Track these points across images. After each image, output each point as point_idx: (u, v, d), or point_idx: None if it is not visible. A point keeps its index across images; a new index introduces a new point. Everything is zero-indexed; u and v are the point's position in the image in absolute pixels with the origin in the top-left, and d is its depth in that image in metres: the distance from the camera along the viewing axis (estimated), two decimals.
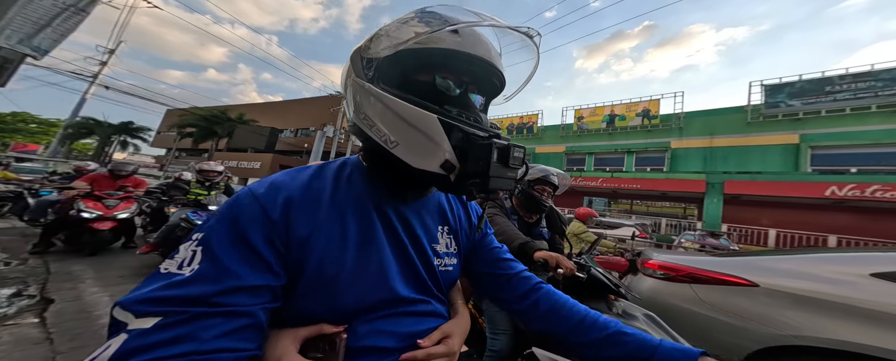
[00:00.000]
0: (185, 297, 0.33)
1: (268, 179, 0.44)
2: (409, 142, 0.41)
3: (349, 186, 0.47)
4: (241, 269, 0.36)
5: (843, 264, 1.52)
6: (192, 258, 0.36)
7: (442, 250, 0.54)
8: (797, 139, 11.14)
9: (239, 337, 0.34)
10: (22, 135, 26.97)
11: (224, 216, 0.39)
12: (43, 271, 2.92)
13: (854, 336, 1.25)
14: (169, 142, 30.24)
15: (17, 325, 1.93)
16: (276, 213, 0.40)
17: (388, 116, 0.42)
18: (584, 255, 1.42)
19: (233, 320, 0.34)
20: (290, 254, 0.40)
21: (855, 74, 10.54)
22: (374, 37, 0.45)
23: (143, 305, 0.32)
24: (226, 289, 0.34)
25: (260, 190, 0.41)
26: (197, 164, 4.14)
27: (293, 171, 0.47)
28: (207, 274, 0.35)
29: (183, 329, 0.31)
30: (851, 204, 9.63)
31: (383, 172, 0.49)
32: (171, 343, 0.30)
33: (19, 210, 4.91)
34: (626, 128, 14.66)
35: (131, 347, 0.30)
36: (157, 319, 0.31)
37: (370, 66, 0.44)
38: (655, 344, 0.48)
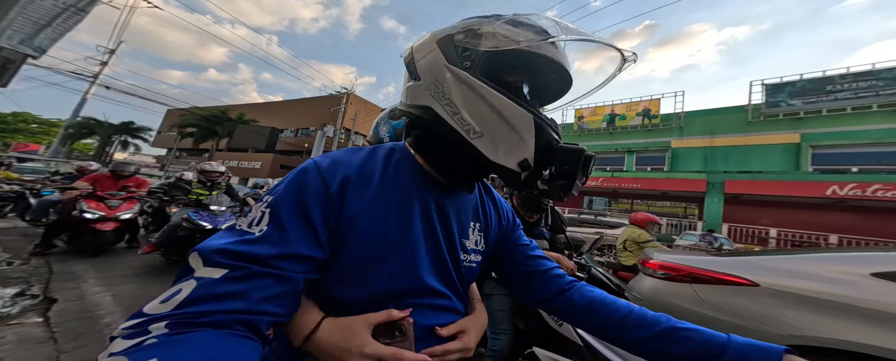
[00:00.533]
0: (252, 255, 0.35)
1: (329, 155, 0.46)
2: (496, 136, 0.43)
3: (396, 172, 0.48)
4: (298, 238, 0.38)
5: (844, 264, 1.52)
6: (261, 218, 0.39)
7: (470, 246, 0.54)
8: (798, 138, 11.13)
9: (279, 302, 0.36)
10: (23, 136, 27.02)
11: (292, 185, 0.41)
12: (46, 271, 2.93)
13: (855, 335, 1.26)
14: (169, 142, 30.27)
15: (21, 324, 1.94)
16: (335, 187, 0.42)
17: (479, 107, 0.42)
18: (584, 255, 1.42)
19: (281, 284, 0.36)
20: (339, 231, 0.41)
21: (856, 73, 10.52)
22: (474, 29, 0.45)
23: (217, 255, 0.35)
24: (283, 254, 0.37)
25: (324, 165, 0.44)
26: (198, 165, 4.14)
27: (350, 150, 0.49)
28: (272, 237, 0.37)
29: (242, 285, 0.34)
30: (852, 204, 9.62)
31: (439, 161, 0.50)
32: (230, 298, 0.33)
33: (21, 210, 4.93)
34: (626, 128, 14.65)
35: (201, 295, 0.32)
36: (225, 271, 0.34)
37: (466, 56, 0.44)
38: (724, 340, 0.43)
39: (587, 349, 1.00)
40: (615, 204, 14.34)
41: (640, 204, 13.81)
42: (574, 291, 0.56)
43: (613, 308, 0.52)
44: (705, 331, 0.46)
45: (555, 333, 1.11)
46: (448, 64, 0.45)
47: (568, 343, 1.06)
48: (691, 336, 0.45)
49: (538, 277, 0.59)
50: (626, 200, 14.09)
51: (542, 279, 0.58)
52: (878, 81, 10.14)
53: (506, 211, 0.64)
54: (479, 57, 0.44)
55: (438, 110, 0.45)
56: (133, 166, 3.93)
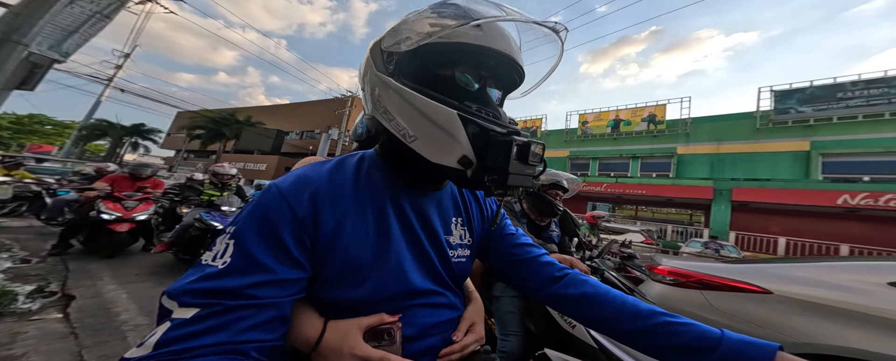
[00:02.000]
0: (220, 289, 0.35)
1: (293, 173, 0.45)
2: (428, 137, 0.41)
3: (368, 179, 0.48)
4: (270, 263, 0.37)
5: (860, 272, 1.52)
6: (224, 251, 0.38)
7: (456, 242, 0.54)
8: (808, 146, 10.98)
9: (267, 329, 0.36)
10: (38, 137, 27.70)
11: (253, 211, 0.40)
12: (62, 269, 3.00)
13: (871, 344, 1.25)
14: (178, 143, 30.79)
15: (42, 320, 1.99)
16: (302, 209, 0.41)
17: (407, 111, 0.42)
18: (595, 259, 1.44)
19: (263, 312, 0.36)
20: (317, 248, 0.41)
21: (867, 80, 10.40)
22: (393, 30, 0.44)
23: (185, 296, 0.35)
24: (257, 282, 0.36)
25: (285, 186, 0.42)
26: (210, 167, 4.23)
27: (315, 164, 0.48)
28: (239, 267, 0.36)
29: (218, 319, 0.34)
30: (864, 213, 9.42)
31: (401, 165, 0.50)
32: (207, 333, 0.33)
33: (37, 209, 5.06)
34: (631, 134, 14.59)
35: (173, 336, 0.32)
36: (196, 310, 0.34)
37: (390, 60, 0.45)
38: (718, 335, 0.43)
39: (601, 351, 1.00)
40: (619, 210, 14.20)
41: (645, 210, 13.67)
42: (567, 280, 0.55)
43: (607, 300, 0.51)
44: (699, 325, 0.45)
45: (567, 335, 1.12)
46: (377, 72, 0.45)
47: (581, 344, 1.07)
48: (685, 330, 0.45)
49: (526, 265, 0.58)
50: (631, 206, 13.96)
51: (531, 267, 0.57)
52: (891, 89, 10.01)
53: (488, 202, 0.64)
54: (400, 58, 0.44)
55: (380, 119, 0.45)
56: (151, 168, 3.99)
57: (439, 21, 0.41)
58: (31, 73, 2.80)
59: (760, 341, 0.42)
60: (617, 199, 14.01)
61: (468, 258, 0.57)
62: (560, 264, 0.59)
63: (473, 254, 0.59)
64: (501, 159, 0.39)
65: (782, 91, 11.62)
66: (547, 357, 1.05)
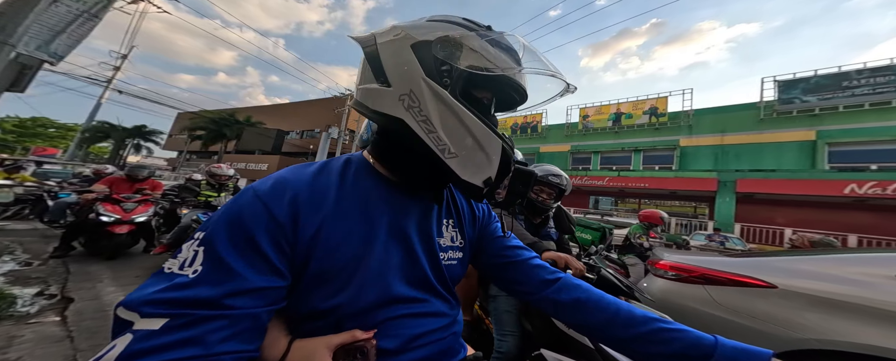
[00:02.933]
0: (191, 299, 0.33)
1: (271, 176, 0.43)
2: (469, 158, 0.44)
3: (355, 182, 0.47)
4: (245, 271, 0.35)
5: (866, 265, 1.47)
6: (194, 258, 0.35)
7: (447, 244, 0.53)
8: (813, 136, 10.81)
9: (243, 339, 0.34)
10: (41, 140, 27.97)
11: (226, 216, 0.38)
12: (63, 271, 3.01)
13: (880, 339, 1.21)
14: (180, 144, 30.96)
15: (40, 323, 2.00)
16: (281, 213, 0.39)
17: (456, 129, 0.43)
18: (593, 256, 1.40)
19: (237, 323, 0.34)
20: (297, 254, 0.39)
21: (873, 69, 10.18)
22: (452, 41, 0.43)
23: (150, 306, 0.32)
24: (230, 292, 0.34)
25: (263, 189, 0.40)
26: (207, 168, 4.22)
27: (297, 167, 0.46)
28: (211, 277, 0.34)
29: (190, 331, 0.31)
30: (872, 203, 9.29)
31: (407, 170, 0.49)
32: (179, 346, 0.30)
33: (39, 212, 5.10)
34: (632, 127, 14.44)
35: (139, 348, 0.30)
36: (165, 320, 0.31)
37: (446, 72, 0.43)
38: (711, 343, 0.43)
39: (598, 351, 0.97)
40: (622, 204, 14.13)
41: (648, 203, 13.58)
42: (559, 284, 0.54)
43: (600, 306, 0.51)
44: (693, 332, 0.45)
45: (563, 335, 1.09)
46: (426, 77, 0.42)
47: (577, 345, 1.04)
48: (678, 337, 0.45)
49: (517, 268, 0.57)
50: (633, 199, 13.88)
51: (522, 270, 0.57)
52: None
53: (481, 204, 0.63)
54: (459, 75, 0.43)
55: (412, 125, 0.43)
56: (147, 169, 3.99)
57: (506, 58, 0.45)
58: (20, 75, 2.78)
59: (754, 348, 0.43)
60: (619, 193, 13.93)
61: (459, 261, 0.55)
62: (552, 267, 0.58)
63: (466, 257, 0.58)
64: (523, 186, 0.48)
65: (786, 81, 11.41)
66: (543, 358, 1.03)
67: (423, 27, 0.45)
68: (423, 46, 0.43)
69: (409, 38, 0.44)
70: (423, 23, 0.46)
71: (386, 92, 0.44)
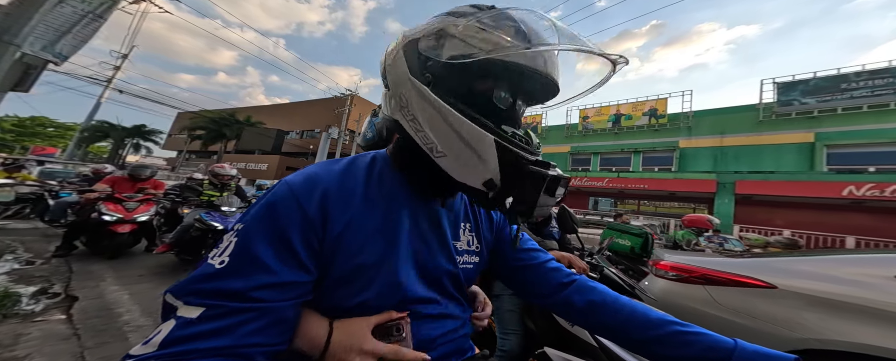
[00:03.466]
0: (225, 290, 0.34)
1: (304, 171, 0.44)
2: (458, 157, 0.40)
3: (380, 182, 0.47)
4: (275, 265, 0.36)
5: (866, 266, 1.49)
6: (227, 248, 0.37)
7: (463, 247, 0.53)
8: (812, 138, 10.85)
9: (271, 333, 0.36)
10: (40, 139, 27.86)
11: (262, 210, 0.39)
12: (65, 270, 3.02)
13: (880, 339, 1.22)
14: (180, 144, 30.90)
15: (46, 321, 2.01)
16: (313, 209, 0.40)
17: (441, 127, 0.40)
18: (595, 256, 1.42)
19: (266, 316, 0.35)
20: (324, 250, 0.40)
21: (872, 71, 10.23)
22: (438, 33, 0.40)
23: (189, 295, 0.35)
24: (260, 285, 0.35)
25: (297, 184, 0.41)
26: (210, 167, 4.22)
27: (326, 163, 0.47)
28: (241, 268, 0.36)
29: (223, 322, 0.33)
30: (870, 205, 9.33)
31: (414, 172, 0.49)
32: (213, 336, 0.33)
33: (40, 211, 5.09)
34: (632, 128, 14.47)
35: (179, 335, 0.32)
36: (202, 310, 0.33)
37: (428, 67, 0.41)
38: (731, 345, 0.42)
39: (602, 349, 0.99)
40: (621, 205, 14.16)
41: (647, 204, 13.61)
42: (574, 287, 0.54)
43: (616, 308, 0.50)
44: (711, 335, 0.44)
45: (567, 333, 1.11)
46: (411, 76, 0.41)
47: (581, 343, 1.05)
48: (697, 340, 0.44)
49: (532, 271, 0.57)
50: (633, 201, 13.90)
51: (537, 273, 0.56)
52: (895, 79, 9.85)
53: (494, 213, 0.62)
54: (440, 68, 0.40)
55: (404, 125, 0.43)
56: (150, 169, 4.00)
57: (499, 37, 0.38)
58: (25, 75, 2.79)
59: (776, 352, 0.41)
60: (619, 194, 13.96)
61: (475, 265, 0.55)
62: (567, 270, 0.58)
63: (482, 262, 0.57)
64: (532, 191, 0.39)
65: (785, 83, 11.46)
66: (547, 356, 1.04)
67: (419, 26, 0.43)
68: (410, 45, 0.42)
69: (403, 40, 0.44)
70: (427, 21, 0.44)
71: (387, 95, 0.46)
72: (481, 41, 0.38)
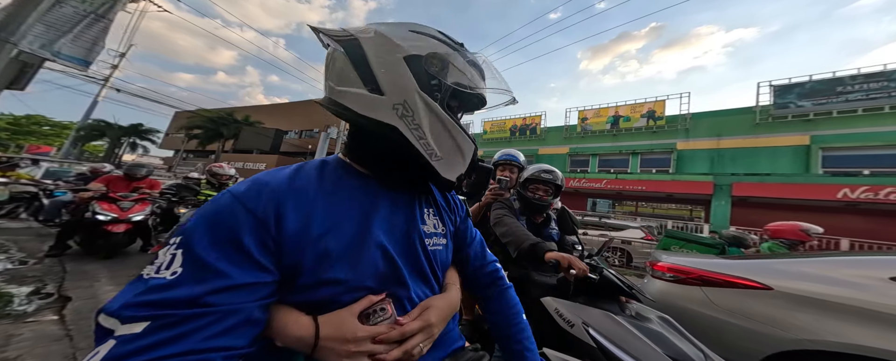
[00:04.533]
0: (172, 300, 0.33)
1: (248, 179, 0.44)
2: (451, 160, 0.51)
3: (336, 180, 0.49)
4: (227, 268, 0.35)
5: (861, 267, 1.50)
6: (172, 261, 0.35)
7: (430, 230, 0.56)
8: (808, 140, 10.95)
9: (234, 335, 0.34)
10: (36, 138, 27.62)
11: (203, 217, 0.38)
12: (59, 270, 2.99)
13: (873, 340, 1.23)
14: (177, 143, 30.73)
15: (38, 322, 1.98)
16: (262, 211, 0.39)
17: (442, 136, 0.49)
18: (595, 257, 1.42)
19: (225, 319, 0.34)
20: (284, 250, 0.40)
21: (867, 74, 10.34)
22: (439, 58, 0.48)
23: (130, 310, 0.32)
24: (213, 290, 0.34)
25: (240, 190, 0.41)
26: (208, 167, 4.20)
27: (273, 170, 0.47)
28: (192, 276, 0.34)
29: (174, 330, 0.31)
30: (864, 207, 9.42)
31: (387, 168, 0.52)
32: (164, 344, 0.31)
33: (34, 210, 5.04)
34: (630, 130, 14.54)
35: (122, 351, 0.29)
36: (146, 323, 0.31)
37: (435, 87, 0.48)
38: None
39: (600, 350, 0.99)
40: (619, 206, 14.20)
41: (645, 206, 13.66)
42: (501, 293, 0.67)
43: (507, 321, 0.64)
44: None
45: (566, 334, 1.11)
46: (420, 90, 0.46)
47: (580, 344, 1.05)
48: None
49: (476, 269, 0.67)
50: (631, 202, 13.96)
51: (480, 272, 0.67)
52: (890, 82, 9.96)
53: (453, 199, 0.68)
54: (447, 90, 0.48)
55: (405, 133, 0.46)
56: (145, 168, 3.96)
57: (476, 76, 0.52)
58: (21, 73, 2.76)
59: None
60: (617, 195, 14.01)
61: (444, 247, 0.59)
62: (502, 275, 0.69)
63: (449, 245, 0.62)
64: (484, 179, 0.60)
65: (782, 85, 11.57)
66: (546, 357, 1.04)
67: (410, 39, 0.47)
68: (414, 60, 0.46)
69: (401, 50, 0.46)
70: (407, 33, 0.48)
71: (379, 100, 0.46)
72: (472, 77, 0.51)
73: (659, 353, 0.95)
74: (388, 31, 0.48)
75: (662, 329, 1.10)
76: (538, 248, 1.26)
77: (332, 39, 0.49)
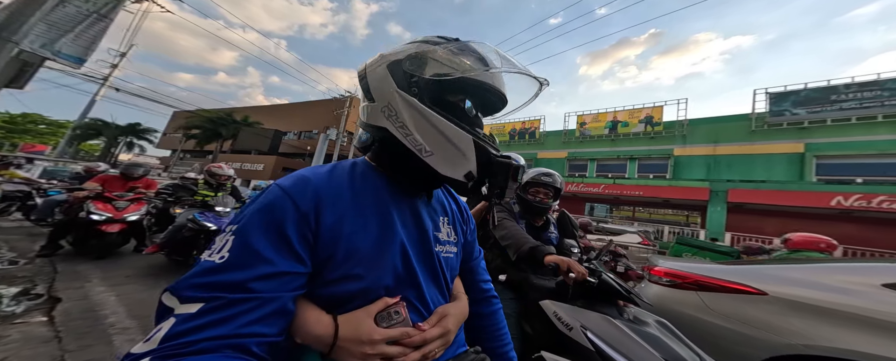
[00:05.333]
0: (222, 283, 0.36)
1: (293, 175, 0.48)
2: (444, 154, 0.49)
3: (363, 183, 0.52)
4: (273, 256, 0.39)
5: (855, 274, 1.51)
6: (224, 245, 0.39)
7: (443, 238, 0.58)
8: (802, 148, 11.09)
9: (268, 323, 0.37)
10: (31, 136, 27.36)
11: (258, 208, 0.42)
12: (50, 270, 2.94)
13: (866, 346, 1.24)
14: (174, 143, 30.57)
15: (26, 323, 1.94)
16: (305, 204, 0.43)
17: (428, 130, 0.48)
18: (594, 260, 1.42)
19: (265, 306, 0.37)
20: (319, 244, 0.43)
21: (861, 83, 10.54)
22: (417, 56, 0.50)
23: (188, 291, 0.36)
24: (258, 276, 0.37)
25: (288, 184, 0.45)
26: (206, 166, 4.17)
27: (312, 167, 0.51)
28: (240, 261, 0.38)
29: (221, 313, 0.35)
30: (857, 215, 9.52)
31: (397, 171, 0.54)
32: (211, 326, 0.34)
33: (26, 210, 4.97)
34: (628, 135, 14.67)
35: (179, 330, 0.34)
36: (201, 304, 0.35)
37: (414, 83, 0.49)
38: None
39: (598, 353, 0.99)
40: (617, 211, 14.25)
41: (642, 211, 13.72)
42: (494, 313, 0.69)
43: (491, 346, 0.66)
44: None
45: (564, 337, 1.11)
46: (398, 89, 0.49)
47: (578, 347, 1.05)
48: None
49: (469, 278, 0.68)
50: (628, 207, 14.01)
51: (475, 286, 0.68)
52: (884, 91, 10.15)
53: (466, 211, 0.71)
54: (424, 83, 0.49)
55: (393, 131, 0.50)
56: (142, 168, 3.92)
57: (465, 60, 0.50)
58: (21, 71, 2.75)
59: None
60: (614, 200, 14.07)
61: (454, 255, 0.60)
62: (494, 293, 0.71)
63: (459, 253, 0.63)
64: (503, 178, 0.50)
65: (777, 93, 11.75)
66: (544, 360, 1.03)
67: (398, 50, 0.52)
68: (395, 65, 0.50)
69: (384, 59, 0.52)
70: (402, 46, 0.53)
71: (373, 107, 0.52)
72: (456, 63, 0.50)
73: (656, 357, 0.94)
74: (385, 51, 0.53)
75: (660, 333, 1.11)
76: (538, 252, 1.26)
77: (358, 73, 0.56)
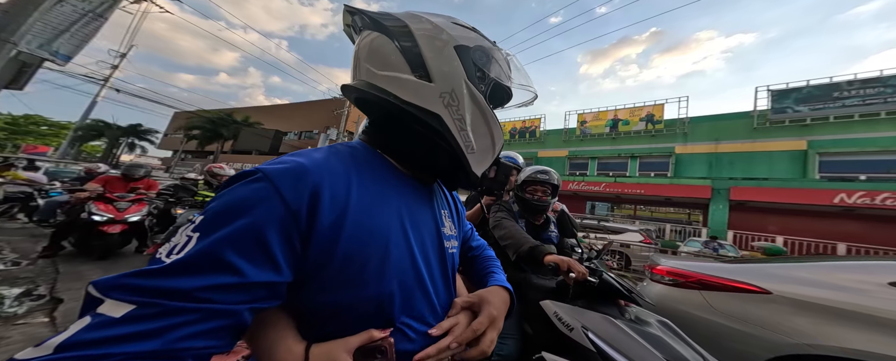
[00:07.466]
0: (165, 289, 0.29)
1: (283, 158, 0.39)
2: (483, 154, 0.49)
3: (370, 170, 0.45)
4: (241, 264, 0.31)
5: (860, 272, 1.50)
6: (185, 244, 0.32)
7: (448, 233, 0.54)
8: (805, 145, 11.03)
9: (214, 337, 0.30)
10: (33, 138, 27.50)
11: (231, 200, 0.34)
12: (52, 271, 2.95)
13: (872, 345, 1.23)
14: (175, 144, 30.67)
15: (28, 324, 1.95)
16: (297, 200, 0.35)
17: (482, 129, 0.48)
18: (594, 260, 1.41)
19: (214, 319, 0.30)
20: (310, 249, 0.35)
21: (864, 80, 10.46)
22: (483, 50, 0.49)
23: (118, 291, 0.29)
24: (216, 285, 0.30)
25: (276, 172, 0.35)
26: (207, 167, 4.17)
27: (306, 152, 0.42)
28: (197, 265, 0.30)
29: (154, 323, 0.28)
30: (861, 212, 9.46)
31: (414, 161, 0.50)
32: (133, 339, 0.27)
33: (29, 211, 4.99)
34: (629, 133, 14.62)
35: (89, 337, 0.26)
36: (130, 308, 0.28)
37: (478, 77, 0.47)
38: None
39: (599, 354, 0.98)
40: (618, 210, 14.22)
41: (643, 209, 13.69)
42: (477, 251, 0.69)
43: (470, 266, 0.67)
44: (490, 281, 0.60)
45: (565, 338, 1.10)
46: (468, 80, 0.46)
47: (579, 347, 1.04)
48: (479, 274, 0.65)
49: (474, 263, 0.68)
50: (629, 205, 13.98)
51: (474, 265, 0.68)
52: (887, 88, 10.06)
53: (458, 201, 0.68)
54: (489, 82, 0.48)
55: (448, 122, 0.44)
56: (143, 169, 3.92)
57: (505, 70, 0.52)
58: (20, 72, 2.75)
59: None
60: (616, 199, 14.03)
61: (457, 250, 0.58)
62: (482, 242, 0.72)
63: (459, 248, 0.61)
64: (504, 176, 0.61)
65: (779, 90, 11.67)
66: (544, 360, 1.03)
67: (455, 29, 0.47)
68: (463, 51, 0.46)
69: (452, 39, 0.46)
70: (451, 24, 0.48)
71: (427, 87, 0.43)
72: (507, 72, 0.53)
73: (658, 357, 0.94)
74: (436, 19, 0.48)
75: (662, 333, 1.10)
76: (537, 251, 1.25)
77: (375, 22, 0.46)
